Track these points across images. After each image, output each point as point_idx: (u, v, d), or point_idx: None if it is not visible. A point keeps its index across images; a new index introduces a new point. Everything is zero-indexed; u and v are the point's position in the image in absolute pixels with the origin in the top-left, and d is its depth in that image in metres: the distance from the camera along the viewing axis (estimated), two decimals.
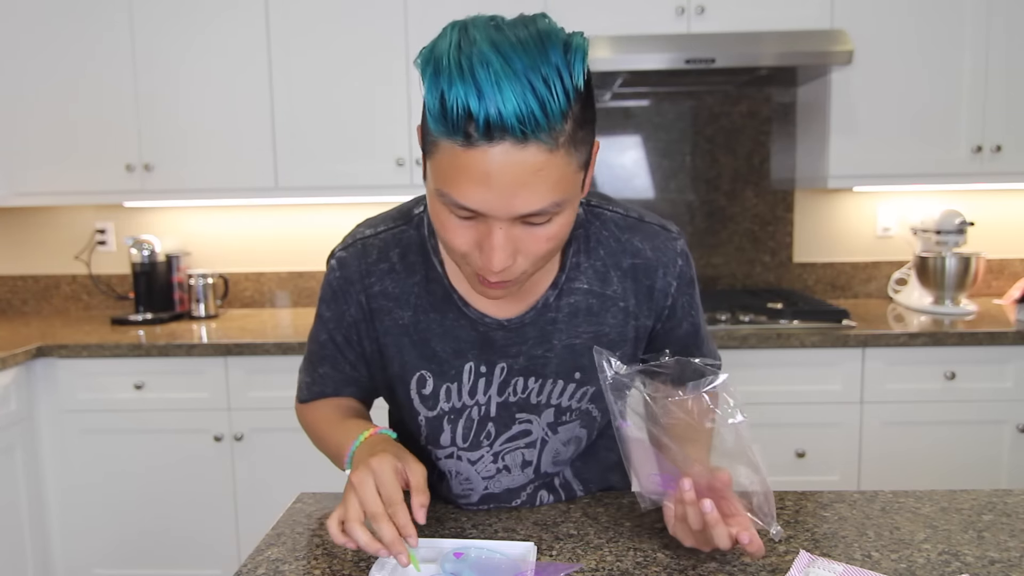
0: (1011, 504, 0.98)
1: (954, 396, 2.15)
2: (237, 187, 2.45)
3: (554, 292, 0.91)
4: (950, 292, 2.40)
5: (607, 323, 0.93)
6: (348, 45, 2.37)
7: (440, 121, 0.67)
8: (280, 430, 2.21)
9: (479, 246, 0.74)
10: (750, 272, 2.76)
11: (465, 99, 0.64)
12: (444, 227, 0.74)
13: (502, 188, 0.68)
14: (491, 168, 0.67)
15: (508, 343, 0.92)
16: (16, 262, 2.86)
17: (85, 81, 2.41)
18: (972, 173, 2.35)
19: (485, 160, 0.66)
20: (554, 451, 0.98)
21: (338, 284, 0.94)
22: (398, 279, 0.92)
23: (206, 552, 2.27)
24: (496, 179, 0.67)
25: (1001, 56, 2.29)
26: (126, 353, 2.20)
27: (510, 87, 0.64)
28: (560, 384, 0.94)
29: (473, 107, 0.64)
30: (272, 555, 0.88)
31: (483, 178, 0.67)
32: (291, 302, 2.81)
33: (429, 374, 0.93)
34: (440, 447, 0.96)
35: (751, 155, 2.70)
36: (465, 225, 0.73)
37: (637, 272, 0.93)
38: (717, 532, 0.77)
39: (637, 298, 0.94)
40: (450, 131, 0.67)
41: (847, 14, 2.29)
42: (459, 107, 0.65)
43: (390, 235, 0.93)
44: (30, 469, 2.20)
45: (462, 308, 0.91)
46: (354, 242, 0.94)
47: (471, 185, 0.68)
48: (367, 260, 0.92)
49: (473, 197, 0.69)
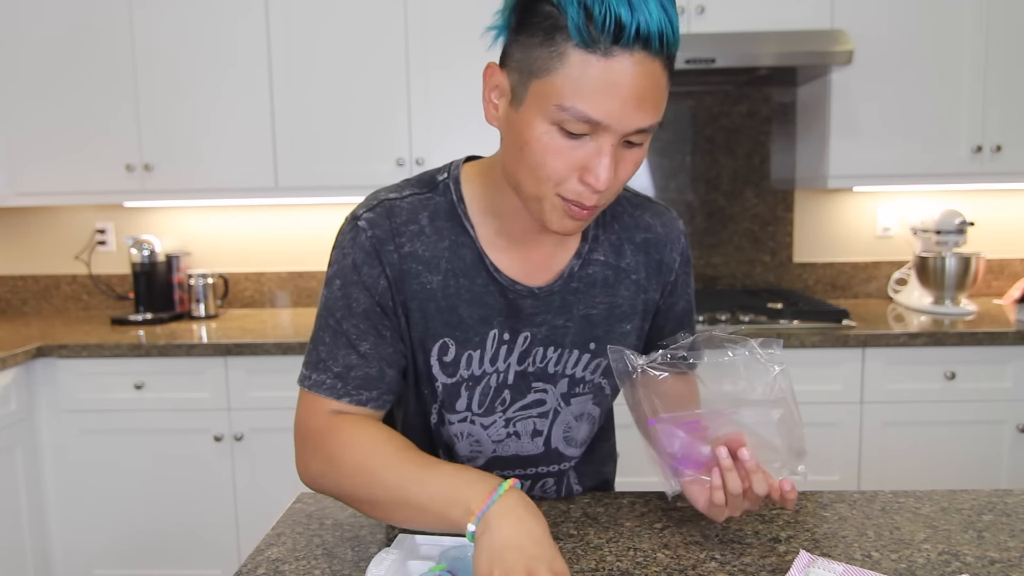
0: (1011, 504, 0.98)
1: (954, 396, 2.15)
2: (237, 187, 2.45)
3: (578, 262, 0.94)
4: (950, 292, 2.40)
5: (620, 295, 0.96)
6: (348, 45, 2.37)
7: (584, 30, 0.70)
8: (280, 430, 2.21)
9: (582, 168, 0.76)
10: (750, 272, 2.76)
11: (616, 8, 0.69)
12: (547, 150, 0.76)
13: (629, 99, 0.72)
14: (624, 78, 0.71)
15: (535, 311, 0.93)
16: (16, 262, 2.86)
17: (85, 81, 2.41)
18: (972, 173, 2.35)
19: (622, 69, 0.71)
20: (565, 423, 0.99)
21: (371, 244, 0.88)
22: (428, 242, 0.90)
23: (206, 552, 2.27)
24: (627, 89, 0.72)
25: (1001, 56, 2.29)
26: (126, 353, 2.20)
27: (654, 2, 0.70)
28: (576, 354, 0.96)
29: (624, 16, 0.69)
30: (272, 555, 0.88)
31: (615, 87, 0.72)
32: (291, 302, 2.81)
33: (452, 342, 0.92)
34: (455, 412, 0.95)
35: (751, 155, 2.71)
36: (572, 146, 0.75)
37: (649, 247, 0.98)
38: (756, 479, 0.82)
39: (647, 271, 0.98)
40: (593, 40, 0.70)
41: (847, 14, 2.29)
42: (611, 15, 0.69)
43: (416, 200, 0.91)
44: (30, 469, 2.20)
45: (493, 274, 0.91)
46: (379, 203, 0.90)
47: (602, 95, 0.72)
48: (396, 220, 0.89)
49: (603, 107, 0.72)
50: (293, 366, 2.17)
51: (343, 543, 0.90)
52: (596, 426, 1.03)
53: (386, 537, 0.92)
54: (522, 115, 0.77)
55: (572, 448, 1.01)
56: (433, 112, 2.39)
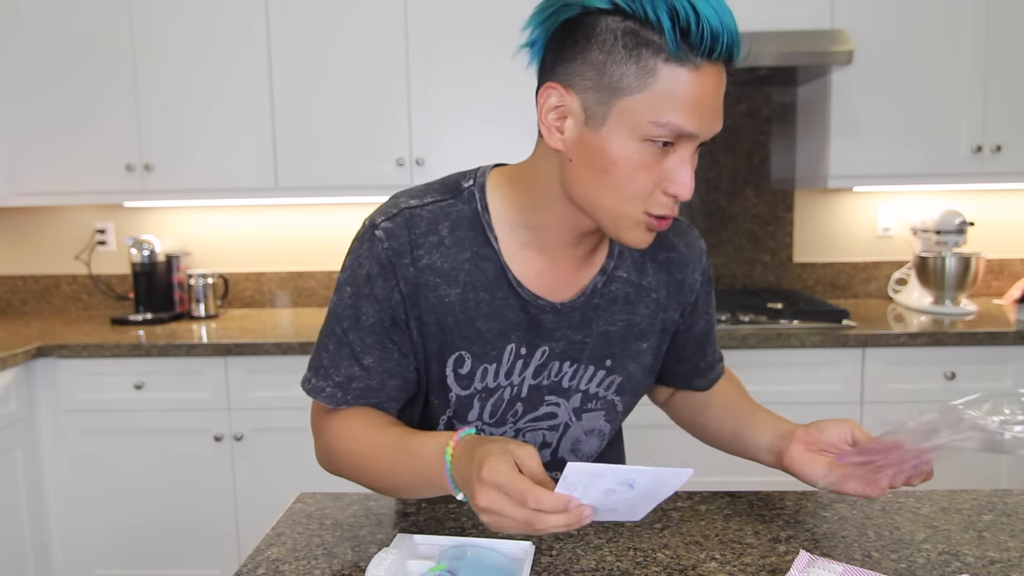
0: (1011, 504, 0.98)
1: (954, 396, 2.13)
2: (237, 187, 2.45)
3: (602, 278, 0.93)
4: (950, 292, 2.40)
5: (639, 313, 0.96)
6: (348, 45, 2.37)
7: (680, 46, 0.72)
8: (280, 430, 2.21)
9: (665, 180, 0.77)
10: (750, 272, 2.76)
11: (710, 23, 0.71)
12: (637, 167, 0.76)
13: (714, 108, 0.76)
14: (710, 88, 0.74)
15: (555, 326, 0.91)
16: (16, 262, 2.86)
17: (85, 81, 2.41)
18: (972, 173, 2.35)
19: (709, 80, 0.74)
20: (574, 438, 0.98)
21: (387, 257, 0.86)
22: (447, 254, 0.87)
23: (206, 552, 2.27)
24: (712, 99, 0.75)
25: (1001, 56, 2.29)
26: (126, 353, 2.20)
27: (730, 16, 0.73)
28: (591, 370, 0.95)
29: (717, 28, 0.71)
30: (272, 555, 0.88)
31: (704, 98, 0.74)
32: (291, 302, 2.81)
33: (468, 355, 0.90)
34: (466, 422, 0.95)
35: (751, 155, 2.70)
36: (659, 159, 0.76)
37: (671, 265, 0.97)
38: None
39: (668, 290, 0.97)
40: (689, 53, 0.72)
41: (847, 14, 2.29)
42: (707, 31, 0.71)
43: (438, 207, 0.88)
44: (30, 469, 2.20)
45: (515, 288, 0.89)
46: (399, 212, 0.87)
47: (694, 108, 0.74)
48: (415, 231, 0.86)
49: (695, 119, 0.74)
50: (293, 366, 2.17)
51: (343, 543, 0.90)
52: (604, 442, 1.02)
53: (386, 537, 0.92)
54: (605, 135, 0.76)
55: (579, 460, 1.01)
56: (433, 112, 2.39)
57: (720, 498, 1.02)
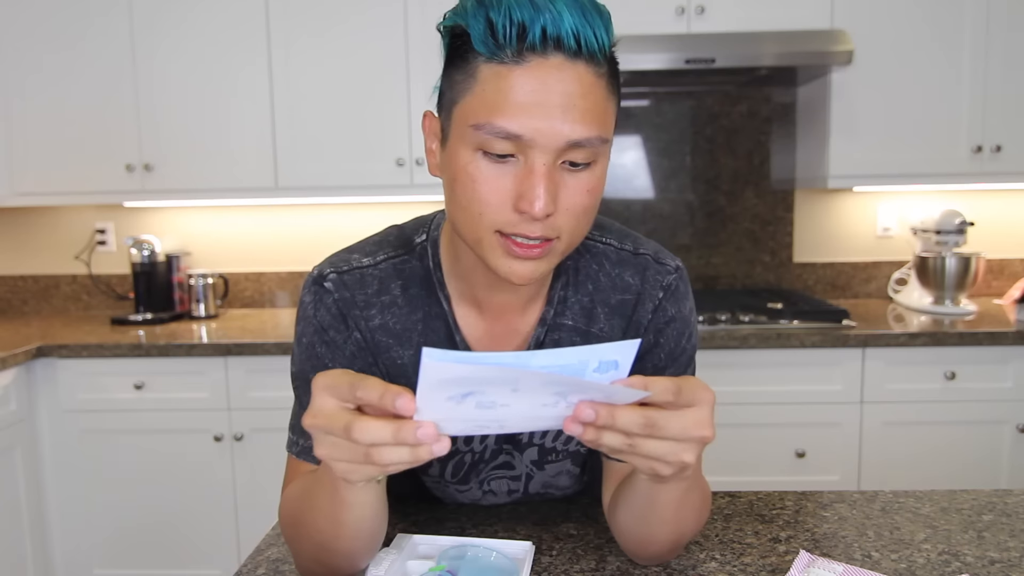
0: (1011, 504, 0.98)
1: (954, 396, 2.15)
2: (237, 187, 2.45)
3: (543, 329, 0.86)
4: (950, 292, 2.40)
5: None
6: (348, 45, 2.37)
7: (488, 40, 0.66)
8: (280, 430, 2.20)
9: (516, 196, 0.68)
10: (750, 272, 2.76)
11: (519, 12, 0.65)
12: (474, 179, 0.68)
13: (552, 108, 0.66)
14: (542, 85, 0.65)
15: None
16: (16, 262, 2.86)
17: (85, 81, 2.41)
18: (972, 173, 2.35)
19: (537, 76, 0.65)
20: (542, 482, 0.96)
21: (337, 308, 0.83)
22: (399, 314, 0.84)
23: (206, 552, 2.27)
24: (547, 97, 0.66)
25: (1001, 56, 2.29)
26: (126, 353, 2.20)
27: (563, 4, 0.65)
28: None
29: (527, 18, 0.65)
30: (272, 555, 0.88)
31: (533, 96, 0.65)
32: (291, 302, 2.81)
33: None
34: (427, 476, 0.94)
35: (751, 155, 2.70)
36: (500, 171, 0.68)
37: (625, 308, 0.87)
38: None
39: (623, 336, 0.87)
40: (499, 48, 0.66)
41: (847, 14, 2.29)
42: (512, 21, 0.65)
43: (390, 265, 0.85)
44: (30, 469, 2.20)
45: (464, 350, 0.85)
46: (350, 270, 0.84)
47: (520, 106, 0.66)
48: (366, 291, 0.83)
49: (521, 120, 0.66)
50: None
51: None
52: (579, 482, 1.00)
53: (386, 537, 0.92)
54: (450, 149, 0.71)
55: (558, 492, 1.00)
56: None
57: (720, 498, 1.02)
